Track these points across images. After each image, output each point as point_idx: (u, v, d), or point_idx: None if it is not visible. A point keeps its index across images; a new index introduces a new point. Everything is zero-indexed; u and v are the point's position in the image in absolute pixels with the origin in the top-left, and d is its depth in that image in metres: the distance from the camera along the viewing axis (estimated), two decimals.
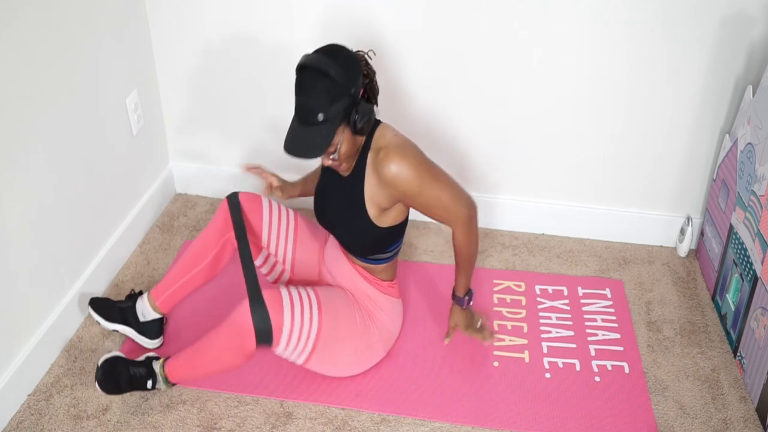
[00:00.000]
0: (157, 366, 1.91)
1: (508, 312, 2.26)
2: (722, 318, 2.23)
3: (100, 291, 2.25)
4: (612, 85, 2.30)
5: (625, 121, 2.36)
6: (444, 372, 2.04)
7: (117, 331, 2.05)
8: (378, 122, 1.83)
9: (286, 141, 1.68)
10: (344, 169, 1.81)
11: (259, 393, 1.96)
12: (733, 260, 2.16)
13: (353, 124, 1.68)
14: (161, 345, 2.08)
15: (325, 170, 1.93)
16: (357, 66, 1.68)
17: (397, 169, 1.71)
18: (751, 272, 2.03)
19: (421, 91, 2.39)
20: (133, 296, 2.08)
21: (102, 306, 2.06)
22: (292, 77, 2.41)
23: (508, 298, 2.32)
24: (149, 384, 1.91)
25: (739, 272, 2.11)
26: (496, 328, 2.20)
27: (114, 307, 2.06)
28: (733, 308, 2.15)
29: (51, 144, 1.96)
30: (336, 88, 1.63)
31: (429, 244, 2.53)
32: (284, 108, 2.50)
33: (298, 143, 1.67)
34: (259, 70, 2.44)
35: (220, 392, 1.96)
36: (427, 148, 2.46)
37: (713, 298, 2.32)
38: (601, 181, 2.49)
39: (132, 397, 1.93)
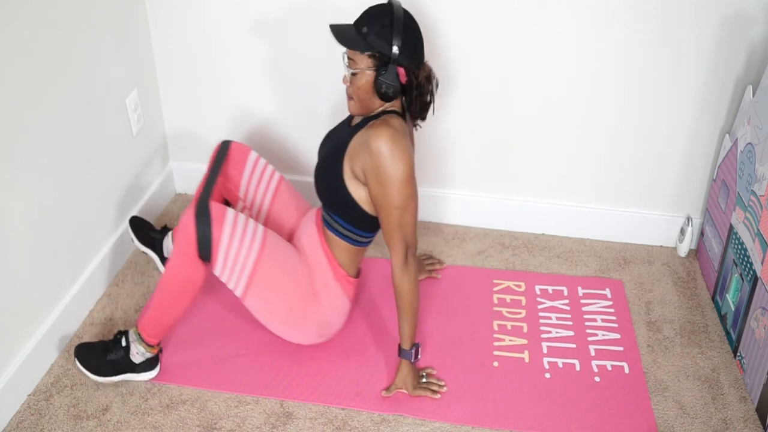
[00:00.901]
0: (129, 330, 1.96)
1: (507, 312, 2.26)
2: (722, 318, 2.23)
3: (100, 291, 2.25)
4: (612, 85, 2.30)
5: (625, 121, 2.36)
6: (444, 372, 2.04)
7: (146, 254, 2.33)
8: (401, 115, 1.87)
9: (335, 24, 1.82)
10: (352, 107, 1.86)
11: (259, 393, 1.96)
12: (733, 260, 2.16)
13: (377, 76, 1.76)
14: None
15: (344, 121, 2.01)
16: (416, 51, 1.80)
17: (382, 142, 1.74)
18: (751, 272, 2.03)
19: None
20: (164, 231, 2.32)
21: (139, 226, 2.31)
22: (293, 77, 2.43)
23: (508, 298, 2.32)
24: (123, 341, 1.93)
25: (739, 272, 2.11)
26: (495, 328, 2.20)
27: (148, 233, 2.30)
28: (733, 308, 2.15)
29: (51, 144, 1.96)
30: (387, 34, 1.74)
31: (428, 244, 2.53)
32: (285, 107, 2.50)
33: (341, 26, 1.80)
34: (260, 70, 2.44)
35: (220, 392, 1.96)
36: (427, 147, 2.48)
37: (713, 298, 2.32)
38: (601, 181, 2.49)
39: (132, 397, 1.93)
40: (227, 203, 2.15)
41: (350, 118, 1.98)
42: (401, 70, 1.78)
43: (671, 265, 2.48)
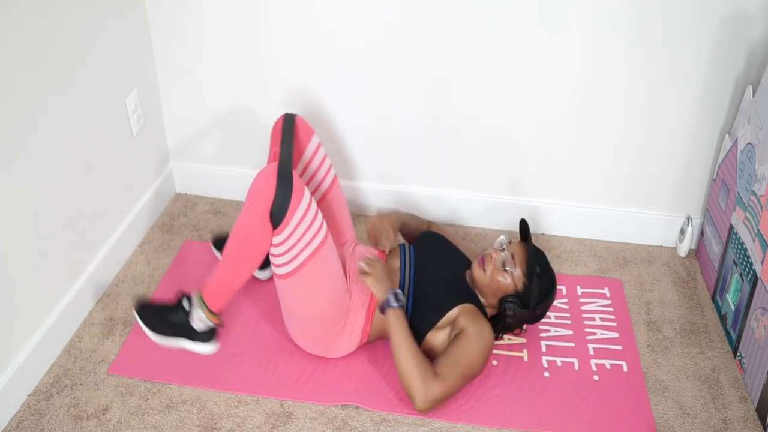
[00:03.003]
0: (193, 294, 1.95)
1: None
2: (722, 318, 2.23)
3: (99, 291, 2.25)
4: (612, 86, 2.30)
5: (625, 122, 2.36)
6: None
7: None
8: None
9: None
10: (482, 281, 1.99)
11: (259, 393, 1.96)
12: (733, 260, 2.16)
13: (510, 299, 1.96)
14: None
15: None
16: (542, 310, 2.00)
17: (483, 336, 1.89)
18: (751, 272, 2.03)
19: (421, 92, 2.39)
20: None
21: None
22: (292, 77, 2.42)
23: None
24: (186, 304, 1.92)
25: (739, 272, 2.11)
26: None
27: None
28: (733, 308, 2.15)
29: (51, 144, 1.96)
30: (541, 294, 1.96)
31: None
32: (285, 108, 2.50)
33: (530, 238, 2.05)
34: (259, 70, 2.44)
35: (220, 392, 1.96)
36: (428, 147, 2.48)
37: (713, 298, 2.32)
38: (601, 181, 2.49)
39: (132, 397, 1.93)
40: None
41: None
42: (534, 306, 1.97)
43: (671, 265, 2.48)
